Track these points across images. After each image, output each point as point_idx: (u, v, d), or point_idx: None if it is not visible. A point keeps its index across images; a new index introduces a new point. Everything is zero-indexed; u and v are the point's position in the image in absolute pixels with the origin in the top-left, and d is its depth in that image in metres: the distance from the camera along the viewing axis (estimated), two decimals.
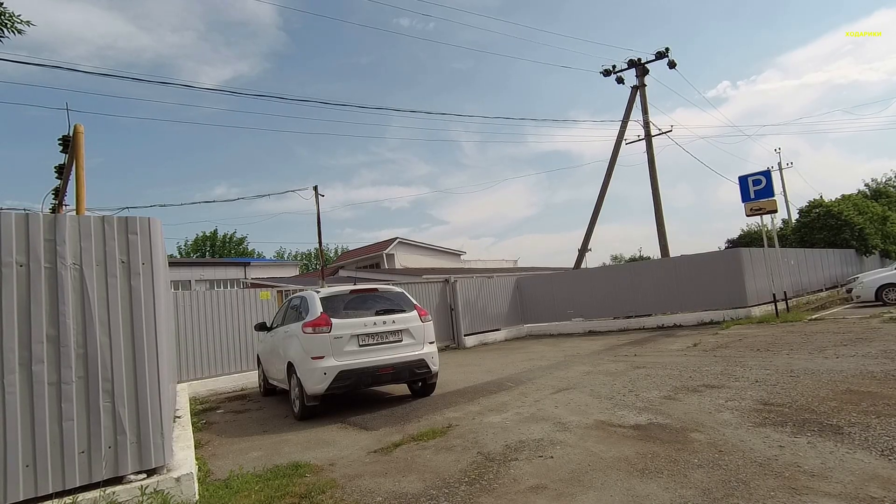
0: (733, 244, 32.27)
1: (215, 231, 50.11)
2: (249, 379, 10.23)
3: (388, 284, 8.31)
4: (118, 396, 3.49)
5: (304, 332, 6.28)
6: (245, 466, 4.55)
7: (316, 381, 6.06)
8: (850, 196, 29.92)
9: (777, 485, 3.05)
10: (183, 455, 4.09)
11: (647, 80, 20.61)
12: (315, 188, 23.00)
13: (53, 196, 9.04)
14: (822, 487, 2.97)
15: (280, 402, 7.91)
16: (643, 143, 20.47)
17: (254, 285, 21.06)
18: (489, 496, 3.34)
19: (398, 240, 35.15)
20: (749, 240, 29.70)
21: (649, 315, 14.63)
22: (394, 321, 6.58)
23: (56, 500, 3.17)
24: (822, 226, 25.85)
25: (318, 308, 6.44)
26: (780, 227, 29.51)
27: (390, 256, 33.55)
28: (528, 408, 5.72)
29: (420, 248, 36.47)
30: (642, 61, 20.64)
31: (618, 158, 20.60)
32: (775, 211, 13.50)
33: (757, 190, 13.34)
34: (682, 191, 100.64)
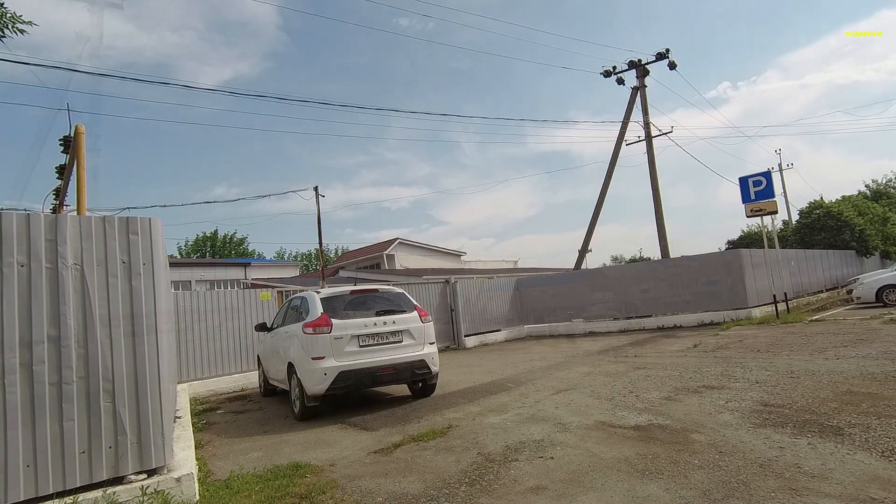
0: (733, 245, 32.26)
1: (215, 231, 50.19)
2: (249, 379, 10.23)
3: (389, 285, 8.31)
4: (119, 397, 3.49)
5: (305, 333, 6.28)
6: (245, 467, 4.55)
7: (316, 381, 6.06)
8: (850, 197, 29.93)
9: (777, 486, 3.05)
10: (183, 455, 4.09)
11: (647, 80, 20.63)
12: (315, 188, 23.05)
13: (54, 196, 9.05)
14: (822, 488, 2.97)
15: (280, 403, 7.90)
16: (643, 143, 20.49)
17: (254, 286, 21.05)
18: (489, 497, 3.34)
19: (398, 240, 35.17)
20: (749, 241, 29.70)
21: (649, 316, 14.63)
22: (394, 322, 6.58)
23: (57, 500, 3.17)
24: (823, 227, 25.84)
25: (319, 308, 6.44)
26: (781, 228, 29.51)
27: (390, 257, 33.57)
28: (529, 408, 5.72)
29: (420, 249, 36.48)
30: (642, 62, 20.66)
31: (618, 159, 20.63)
32: (775, 212, 13.52)
33: (757, 191, 13.35)
34: (682, 191, 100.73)
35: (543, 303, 16.69)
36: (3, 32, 4.87)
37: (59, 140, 7.76)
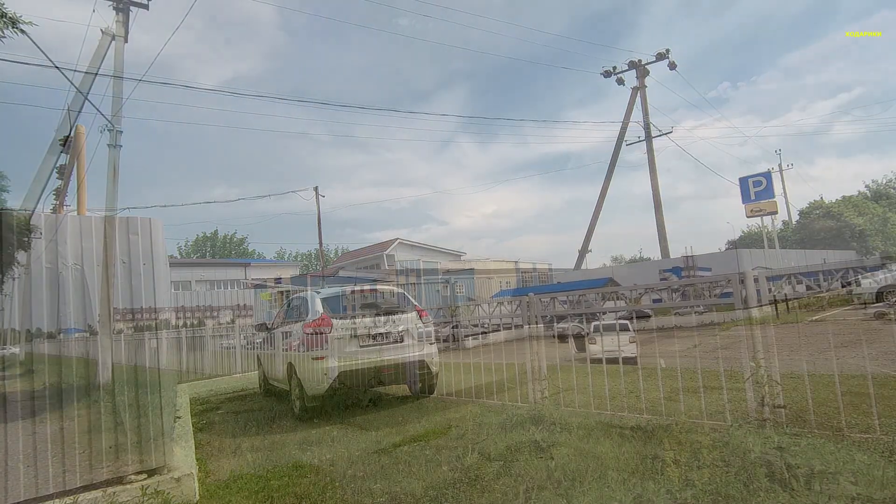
0: (734, 245, 32.25)
1: (216, 232, 50.30)
2: (249, 379, 10.23)
3: (389, 285, 8.31)
4: (119, 397, 3.49)
5: (305, 333, 6.28)
6: (245, 467, 4.54)
7: (316, 381, 6.06)
8: (850, 197, 29.94)
9: (778, 486, 3.05)
10: (183, 455, 4.09)
11: (647, 81, 20.63)
12: (315, 189, 23.04)
13: (54, 196, 9.05)
14: (822, 489, 2.96)
15: (280, 403, 7.90)
16: (644, 143, 20.50)
17: (254, 286, 21.06)
18: (489, 497, 3.34)
19: (398, 240, 35.17)
20: (749, 241, 29.69)
21: (650, 316, 14.63)
22: (394, 322, 6.58)
23: (57, 500, 3.17)
24: (823, 227, 25.86)
25: (319, 308, 6.44)
26: (781, 228, 29.50)
27: (391, 257, 33.55)
28: (529, 408, 5.72)
29: (420, 249, 36.47)
30: (642, 62, 20.66)
31: (618, 159, 20.64)
32: (775, 212, 13.59)
33: (757, 191, 13.40)
34: (682, 191, 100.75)
35: (543, 303, 16.71)
36: (3, 33, 4.87)
37: (59, 140, 7.76)
